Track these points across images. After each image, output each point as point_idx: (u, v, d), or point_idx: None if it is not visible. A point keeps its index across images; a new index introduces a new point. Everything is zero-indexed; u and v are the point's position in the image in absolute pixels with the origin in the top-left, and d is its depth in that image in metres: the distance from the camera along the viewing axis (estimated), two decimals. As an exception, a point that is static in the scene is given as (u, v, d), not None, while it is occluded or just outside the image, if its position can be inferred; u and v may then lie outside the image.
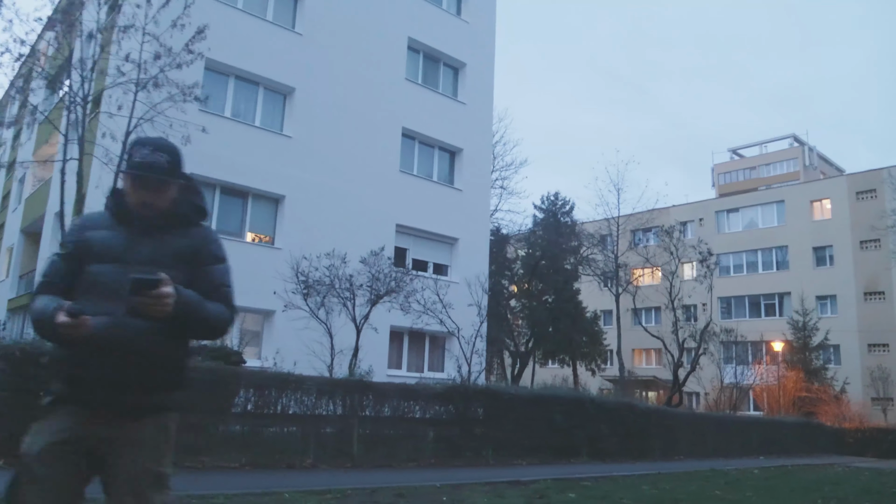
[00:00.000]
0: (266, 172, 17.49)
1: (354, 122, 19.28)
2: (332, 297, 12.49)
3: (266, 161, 17.52)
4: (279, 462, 8.48)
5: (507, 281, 41.45)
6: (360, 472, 8.87)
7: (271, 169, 17.58)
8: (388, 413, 10.19)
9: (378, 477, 8.41)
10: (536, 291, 38.63)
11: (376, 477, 8.41)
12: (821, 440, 24.12)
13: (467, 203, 21.81)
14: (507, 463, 11.26)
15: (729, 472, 12.96)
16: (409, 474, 9.05)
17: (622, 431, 13.86)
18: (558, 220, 37.95)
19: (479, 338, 14.95)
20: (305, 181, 18.08)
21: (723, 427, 18.64)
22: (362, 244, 17.89)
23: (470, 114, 22.55)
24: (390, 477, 8.54)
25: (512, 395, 11.82)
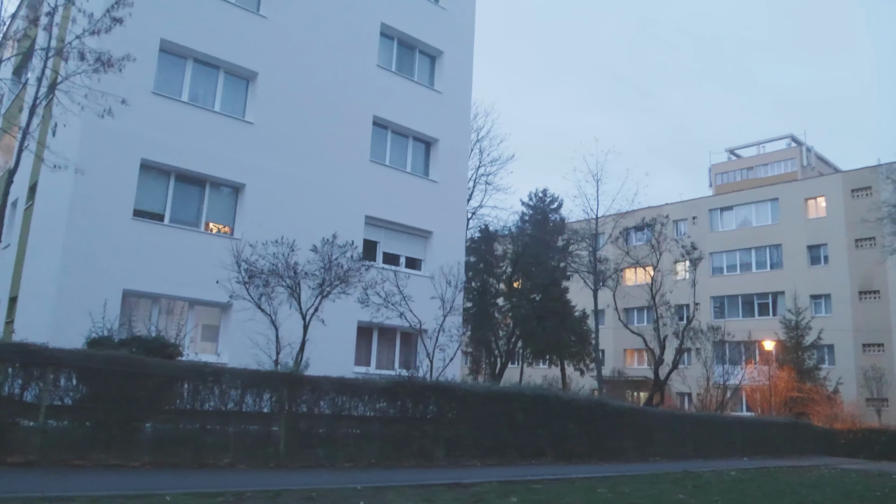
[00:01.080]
0: (226, 160, 16.73)
1: (322, 110, 18.52)
2: (277, 287, 11.69)
3: (226, 148, 16.76)
4: (190, 461, 7.70)
5: (495, 279, 40.74)
6: (284, 472, 8.08)
7: (231, 156, 16.81)
8: (325, 409, 9.40)
9: (300, 478, 7.63)
10: (525, 290, 37.87)
11: (298, 478, 7.63)
12: (810, 441, 23.30)
13: (443, 195, 21.04)
14: (459, 464, 10.47)
15: (703, 473, 12.16)
16: (339, 475, 8.26)
17: (592, 431, 13.05)
18: (546, 217, 37.18)
19: (442, 332, 14.13)
20: (268, 169, 17.31)
21: (704, 427, 17.81)
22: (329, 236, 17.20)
23: (447, 103, 21.78)
24: (314, 478, 7.75)
25: (467, 392, 11.02)
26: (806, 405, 31.01)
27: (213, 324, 16.90)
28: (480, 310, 40.51)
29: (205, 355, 15.74)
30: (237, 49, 17.30)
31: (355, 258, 12.52)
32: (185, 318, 14.44)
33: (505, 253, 37.80)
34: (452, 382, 11.19)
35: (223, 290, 12.31)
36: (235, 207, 17.19)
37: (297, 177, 17.79)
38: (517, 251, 36.63)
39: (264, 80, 17.69)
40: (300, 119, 18.08)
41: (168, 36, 16.20)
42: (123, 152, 15.10)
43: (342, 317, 16.36)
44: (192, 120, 16.49)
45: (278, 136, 17.65)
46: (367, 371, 18.02)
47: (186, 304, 16.02)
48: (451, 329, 14.50)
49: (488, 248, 38.75)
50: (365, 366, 18.85)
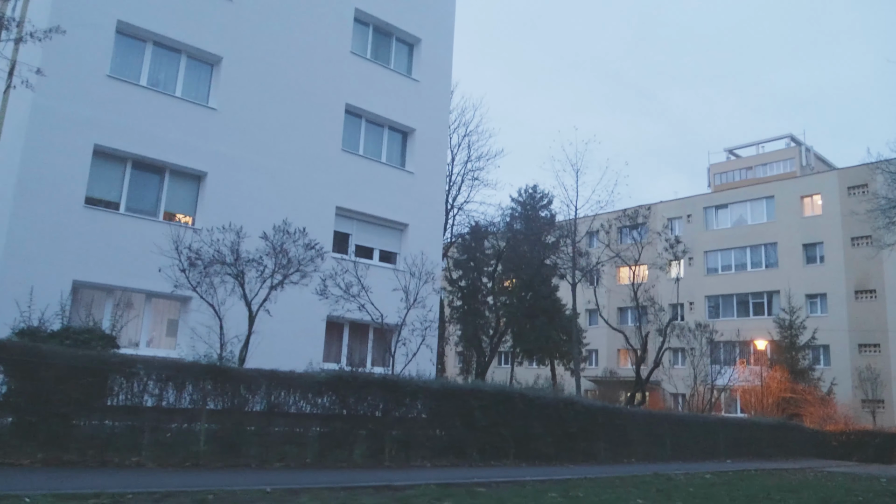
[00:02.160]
0: (187, 147, 16.05)
1: (290, 97, 17.85)
2: (220, 276, 11.00)
3: (187, 135, 16.09)
4: (92, 460, 7.02)
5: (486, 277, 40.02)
6: (196, 472, 7.40)
7: (193, 143, 16.14)
8: (257, 405, 8.71)
9: (209, 478, 6.94)
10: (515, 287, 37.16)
11: (207, 478, 6.94)
12: (800, 443, 22.55)
13: (419, 187, 20.35)
14: (408, 465, 9.77)
15: (674, 476, 11.45)
16: (260, 476, 7.57)
17: (560, 431, 12.35)
18: (536, 214, 36.46)
19: (406, 326, 13.43)
20: (232, 157, 16.64)
21: (684, 428, 17.06)
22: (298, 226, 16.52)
23: (425, 92, 21.09)
24: (226, 479, 7.06)
25: (418, 388, 10.30)
26: (799, 406, 30.29)
27: (172, 318, 16.23)
28: (470, 308, 39.89)
29: (162, 350, 15.10)
30: (200, 33, 16.63)
31: (311, 247, 11.77)
32: (124, 310, 13.70)
33: (495, 250, 37.09)
34: (402, 377, 10.49)
35: (167, 279, 11.63)
36: (197, 197, 16.51)
37: (263, 165, 17.12)
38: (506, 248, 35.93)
39: (229, 65, 17.03)
40: (267, 106, 17.42)
41: (125, 17, 15.54)
42: (75, 137, 14.43)
43: (309, 311, 15.69)
44: (151, 105, 15.81)
45: (243, 124, 16.99)
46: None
47: (143, 297, 15.34)
48: (415, 322, 13.78)
49: (478, 245, 38.09)
50: (335, 362, 18.15)
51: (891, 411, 34.83)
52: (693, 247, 45.54)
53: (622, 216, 20.38)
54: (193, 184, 16.51)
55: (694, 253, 45.40)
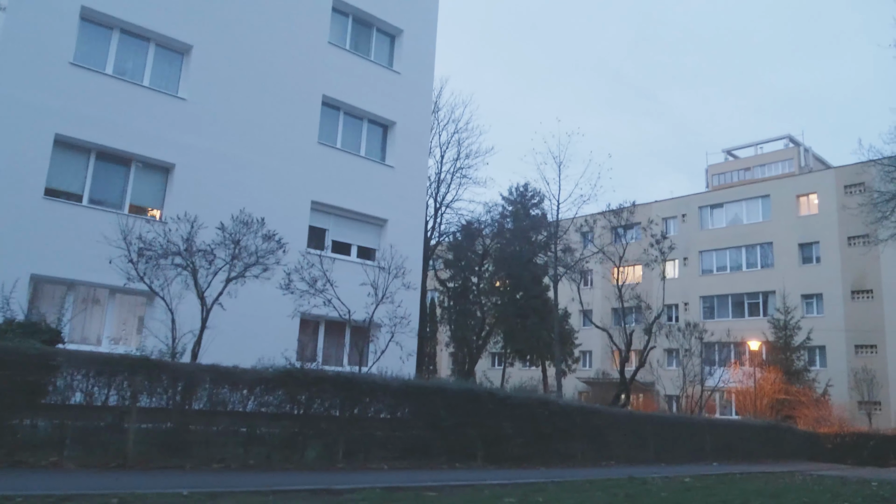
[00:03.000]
0: (154, 138, 15.53)
1: (264, 87, 17.34)
2: (174, 268, 10.47)
3: (155, 125, 15.57)
4: (3, 459, 6.49)
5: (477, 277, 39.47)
6: (122, 474, 6.86)
7: (160, 134, 15.62)
8: (198, 403, 8.17)
9: (132, 480, 6.40)
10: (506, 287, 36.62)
11: (131, 480, 6.41)
12: (792, 445, 21.96)
13: (399, 181, 19.81)
14: (364, 467, 9.23)
15: (650, 480, 10.88)
16: (192, 478, 7.03)
17: (533, 432, 11.79)
18: (527, 212, 35.89)
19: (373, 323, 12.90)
20: (201, 149, 16.11)
21: (668, 429, 16.48)
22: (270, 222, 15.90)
23: (406, 85, 20.56)
24: (151, 481, 6.53)
25: (375, 385, 9.75)
26: (793, 408, 29.73)
27: (138, 314, 15.69)
28: (461, 308, 39.34)
29: (122, 347, 14.56)
30: (170, 20, 16.13)
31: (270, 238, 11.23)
32: (68, 303, 13.16)
33: (485, 249, 36.53)
34: (358, 374, 9.94)
35: (118, 272, 11.09)
36: (165, 189, 15.98)
37: (235, 157, 16.60)
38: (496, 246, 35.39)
39: (200, 54, 16.52)
40: (239, 97, 16.91)
41: (90, 4, 15.03)
42: (35, 126, 13.93)
43: (281, 308, 15.14)
44: (117, 94, 15.30)
45: (214, 114, 16.47)
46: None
47: (107, 292, 14.81)
48: (384, 319, 13.24)
49: (469, 244, 37.55)
50: (309, 362, 17.57)
51: (888, 413, 34.22)
52: (688, 247, 45.00)
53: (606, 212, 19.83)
54: (161, 176, 15.99)
55: (689, 253, 44.87)
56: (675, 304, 44.62)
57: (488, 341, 34.30)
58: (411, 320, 13.93)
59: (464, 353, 41.99)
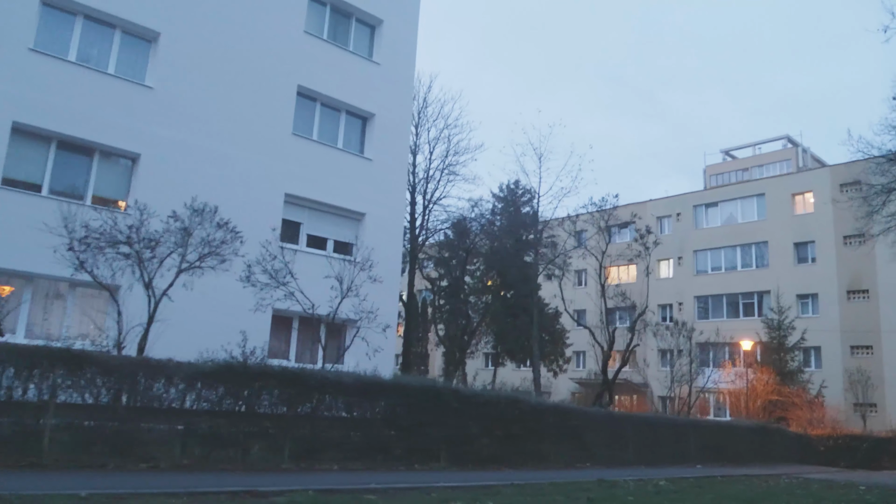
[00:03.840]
0: (118, 127, 15.03)
1: (236, 77, 16.84)
2: (119, 257, 9.95)
3: (119, 114, 15.07)
4: None
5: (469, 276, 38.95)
6: (35, 473, 6.34)
7: (125, 123, 15.12)
8: (134, 398, 7.65)
9: (34, 481, 5.87)
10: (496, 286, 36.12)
11: (32, 481, 5.88)
12: (783, 448, 21.40)
13: (378, 175, 19.29)
14: (312, 468, 8.70)
15: (621, 483, 10.34)
16: (109, 479, 6.50)
17: (501, 432, 11.27)
18: (518, 210, 35.36)
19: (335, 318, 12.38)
20: (169, 139, 15.60)
21: (650, 430, 15.91)
22: (241, 215, 15.37)
23: (386, 76, 20.05)
24: (57, 482, 5.99)
25: (326, 381, 9.22)
26: (787, 409, 29.15)
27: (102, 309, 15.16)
28: (452, 307, 38.80)
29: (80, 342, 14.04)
30: (136, 6, 15.65)
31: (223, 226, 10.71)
32: (8, 298, 12.64)
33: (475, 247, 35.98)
34: (306, 369, 9.40)
35: (64, 262, 10.58)
36: (130, 180, 15.47)
37: (204, 148, 16.08)
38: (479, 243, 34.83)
39: (168, 41, 16.02)
40: (210, 86, 16.40)
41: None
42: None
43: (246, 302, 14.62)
44: (81, 82, 14.81)
45: (182, 104, 15.96)
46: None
47: (67, 286, 14.29)
48: (350, 313, 12.73)
49: (461, 243, 37.02)
50: (282, 359, 17.07)
51: (883, 415, 33.62)
52: (683, 246, 44.46)
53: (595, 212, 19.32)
54: (126, 166, 15.49)
55: (683, 252, 44.34)
56: (670, 304, 44.10)
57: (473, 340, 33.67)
58: (379, 314, 13.40)
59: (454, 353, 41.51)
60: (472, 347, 40.29)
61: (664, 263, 45.42)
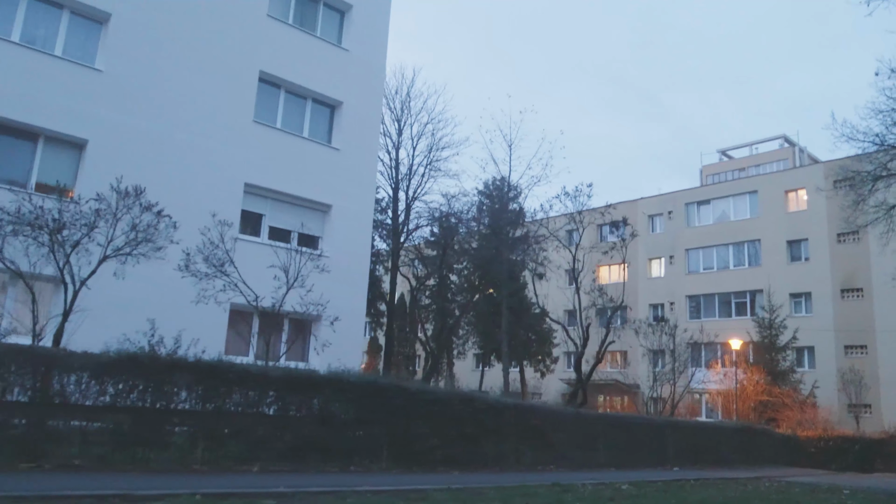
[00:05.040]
0: (65, 111, 14.28)
1: (192, 60, 16.10)
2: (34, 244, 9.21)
3: (66, 98, 14.32)
4: None
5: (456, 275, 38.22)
6: None
7: (73, 107, 14.37)
8: (18, 392, 6.89)
9: None
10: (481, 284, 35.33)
11: None
12: (769, 449, 20.60)
13: (346, 165, 18.53)
14: (228, 469, 7.93)
15: (576, 488, 9.56)
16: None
17: (453, 432, 10.50)
18: (504, 207, 34.53)
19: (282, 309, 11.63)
20: (120, 124, 14.85)
21: (625, 431, 15.09)
22: (198, 205, 14.74)
23: (356, 64, 19.30)
24: None
25: (248, 375, 8.45)
26: (777, 410, 28.36)
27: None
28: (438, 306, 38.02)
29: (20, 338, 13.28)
30: (85, -15, 14.90)
31: (148, 209, 9.96)
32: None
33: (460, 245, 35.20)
34: (223, 362, 8.63)
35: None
36: (78, 167, 14.72)
37: (157, 134, 15.33)
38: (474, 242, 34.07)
39: (119, 22, 15.27)
40: (164, 70, 15.65)
41: (-8, -35, 13.82)
42: (-78, 95, 12.70)
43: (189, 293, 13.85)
44: (24, 64, 14.05)
45: (135, 88, 15.22)
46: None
47: (7, 277, 13.51)
48: (296, 305, 11.98)
49: (448, 242, 36.24)
50: (242, 356, 16.29)
51: (878, 416, 32.80)
52: (674, 245, 43.69)
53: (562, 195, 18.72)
54: (73, 152, 14.72)
55: (675, 251, 43.58)
56: (661, 303, 43.32)
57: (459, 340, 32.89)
58: (327, 306, 12.63)
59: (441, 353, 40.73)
60: (458, 348, 39.55)
61: (655, 262, 44.69)
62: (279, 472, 8.18)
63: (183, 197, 14.59)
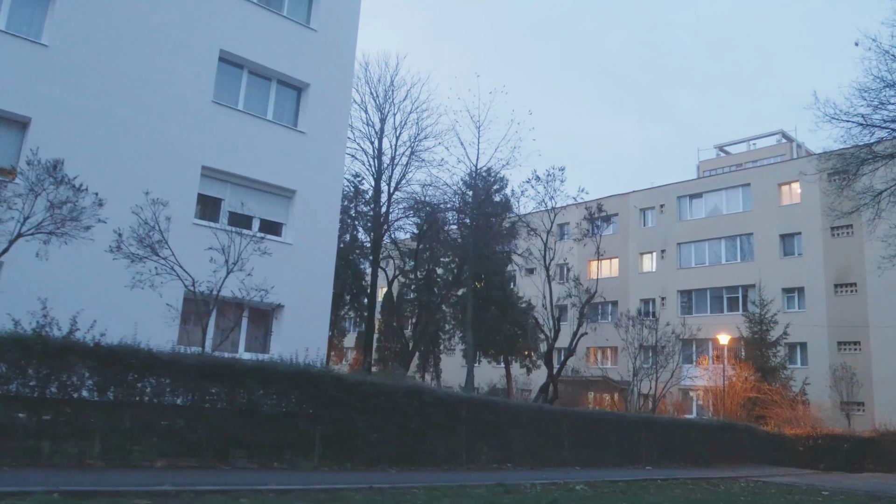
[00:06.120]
0: (6, 87, 13.54)
1: (146, 37, 15.35)
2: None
3: (8, 73, 13.59)
4: None
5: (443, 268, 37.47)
6: None
7: (15, 84, 13.63)
8: None
9: None
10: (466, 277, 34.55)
11: None
12: (751, 448, 19.87)
13: (313, 149, 17.80)
14: (129, 465, 7.21)
15: (521, 489, 8.83)
16: None
17: (396, 427, 9.78)
18: (489, 198, 33.76)
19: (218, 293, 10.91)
20: (66, 103, 14.11)
21: (593, 428, 14.32)
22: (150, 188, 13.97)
23: (324, 44, 18.56)
24: None
25: (153, 362, 7.68)
26: (766, 407, 27.62)
27: None
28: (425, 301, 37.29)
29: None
30: (30, -45, 14.15)
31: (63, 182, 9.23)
32: None
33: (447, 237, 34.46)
34: (125, 346, 7.86)
35: None
36: (21, 146, 13.96)
37: (108, 114, 14.59)
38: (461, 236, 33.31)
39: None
40: (115, 46, 14.90)
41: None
42: None
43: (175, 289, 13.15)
44: (-38, 37, 13.33)
45: (83, 65, 14.47)
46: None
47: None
48: (235, 290, 11.26)
49: (434, 234, 35.48)
50: (196, 347, 15.57)
51: (871, 414, 32.05)
52: (666, 239, 42.93)
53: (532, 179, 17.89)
54: (15, 132, 13.96)
55: (667, 245, 42.83)
56: (652, 298, 42.58)
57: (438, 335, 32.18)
58: (270, 291, 11.89)
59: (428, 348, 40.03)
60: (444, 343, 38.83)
61: (647, 257, 43.97)
62: (187, 469, 7.47)
63: (133, 179, 13.88)
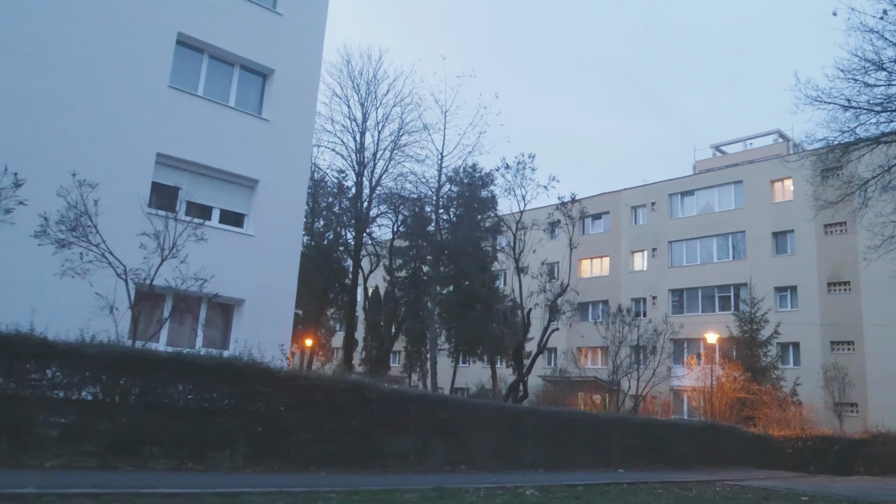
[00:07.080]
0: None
1: (97, 18, 14.64)
2: None
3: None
4: None
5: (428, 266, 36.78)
6: None
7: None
8: None
9: None
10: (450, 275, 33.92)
11: None
12: (735, 450, 19.13)
13: (277, 137, 17.10)
14: (23, 464, 6.50)
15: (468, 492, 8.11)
16: None
17: (333, 426, 9.06)
18: (475, 195, 33.09)
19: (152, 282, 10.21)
20: (14, 86, 13.40)
21: (561, 428, 13.56)
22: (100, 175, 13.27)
23: (290, 29, 17.85)
24: None
25: (46, 350, 6.92)
26: (756, 408, 26.87)
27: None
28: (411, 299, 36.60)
29: None
30: (-28, -69, 13.45)
31: None
32: None
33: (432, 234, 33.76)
34: (19, 334, 7.11)
35: None
36: (-39, 132, 13.27)
37: (56, 97, 13.87)
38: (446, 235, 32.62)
39: (11, -28, 13.82)
40: (61, 25, 14.19)
41: None
42: None
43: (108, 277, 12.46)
44: None
45: (31, 46, 13.76)
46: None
47: None
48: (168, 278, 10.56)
49: (420, 232, 34.80)
50: (152, 343, 14.85)
51: (865, 415, 31.28)
52: (658, 237, 42.23)
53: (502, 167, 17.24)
54: (-48, 115, 13.28)
55: (658, 244, 42.14)
56: (643, 297, 41.86)
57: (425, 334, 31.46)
58: (208, 280, 11.17)
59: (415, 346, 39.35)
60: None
61: (638, 255, 43.28)
62: (83, 469, 6.76)
63: (83, 166, 13.15)
